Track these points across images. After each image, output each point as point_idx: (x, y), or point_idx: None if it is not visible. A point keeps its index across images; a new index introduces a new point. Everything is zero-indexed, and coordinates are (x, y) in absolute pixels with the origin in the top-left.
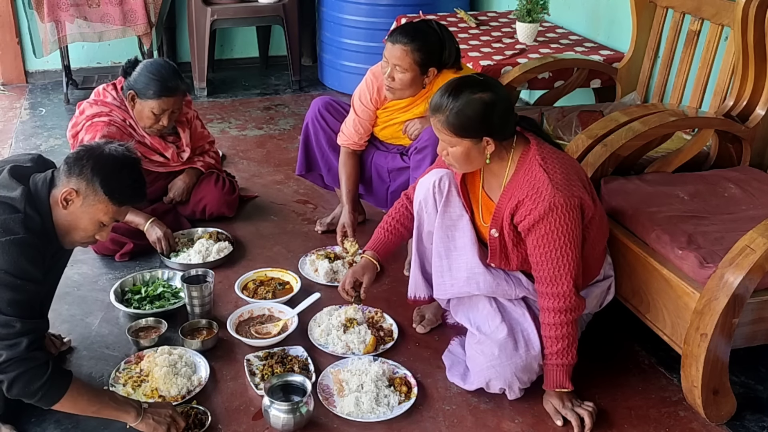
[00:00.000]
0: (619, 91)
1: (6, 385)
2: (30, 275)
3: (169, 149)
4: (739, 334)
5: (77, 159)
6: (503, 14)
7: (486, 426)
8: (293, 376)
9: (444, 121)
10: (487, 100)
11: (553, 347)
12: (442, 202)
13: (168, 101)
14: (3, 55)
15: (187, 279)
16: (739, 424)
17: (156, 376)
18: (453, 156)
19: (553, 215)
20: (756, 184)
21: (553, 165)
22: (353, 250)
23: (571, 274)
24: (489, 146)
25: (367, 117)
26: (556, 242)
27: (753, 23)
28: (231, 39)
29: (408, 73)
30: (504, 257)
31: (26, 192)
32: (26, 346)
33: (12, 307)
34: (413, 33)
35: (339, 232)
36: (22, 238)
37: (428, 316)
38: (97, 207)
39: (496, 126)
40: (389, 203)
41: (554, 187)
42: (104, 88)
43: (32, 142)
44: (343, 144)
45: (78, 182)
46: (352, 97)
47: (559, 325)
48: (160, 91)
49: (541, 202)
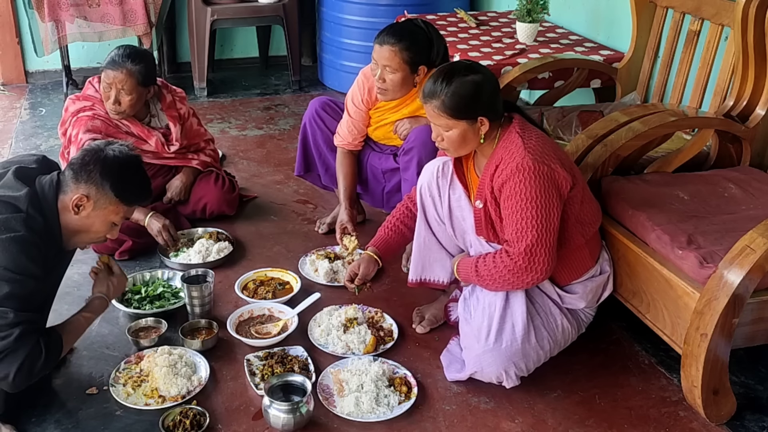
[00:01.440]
0: (619, 91)
1: (9, 381)
2: (30, 271)
3: (153, 136)
4: (739, 334)
5: (83, 164)
6: (503, 14)
7: (486, 426)
8: (293, 376)
9: (440, 106)
10: (478, 80)
11: (470, 274)
12: (449, 185)
13: (109, 74)
14: (3, 55)
15: (187, 279)
16: (739, 424)
17: (156, 376)
18: (449, 140)
19: (519, 176)
20: (756, 184)
21: (530, 134)
22: (353, 246)
23: (532, 237)
24: (483, 126)
25: (360, 118)
26: (519, 203)
27: (753, 23)
28: (231, 39)
29: (398, 73)
30: (491, 229)
31: (30, 194)
32: (16, 337)
33: (9, 300)
34: (400, 33)
35: (338, 230)
36: (22, 236)
37: (428, 316)
38: (108, 209)
39: (488, 104)
40: (385, 203)
41: (526, 150)
42: (89, 81)
43: (32, 142)
44: (339, 145)
45: (87, 187)
46: (345, 98)
47: (492, 268)
48: (106, 64)
49: (510, 162)
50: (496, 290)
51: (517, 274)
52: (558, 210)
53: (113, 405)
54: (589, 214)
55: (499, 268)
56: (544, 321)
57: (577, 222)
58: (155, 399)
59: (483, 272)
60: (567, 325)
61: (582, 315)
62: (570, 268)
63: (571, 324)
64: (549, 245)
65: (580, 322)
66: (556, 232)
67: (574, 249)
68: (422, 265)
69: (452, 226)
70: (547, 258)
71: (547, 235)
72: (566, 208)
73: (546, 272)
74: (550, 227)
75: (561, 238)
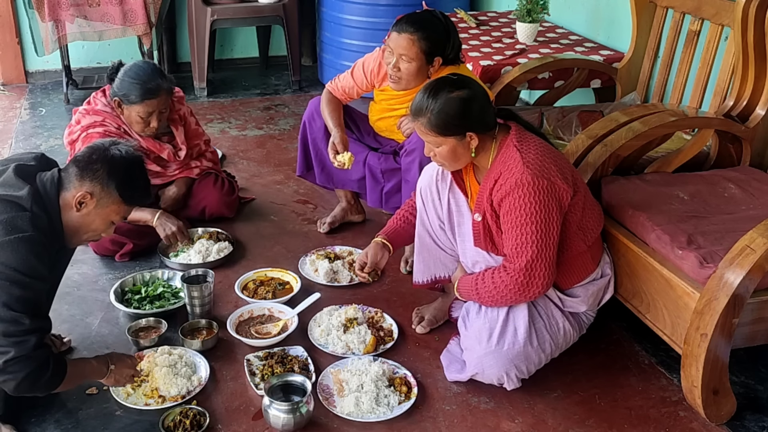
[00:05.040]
0: (619, 91)
1: (14, 385)
2: (38, 273)
3: (165, 150)
4: (739, 334)
5: (89, 162)
6: (503, 14)
7: (486, 426)
8: (293, 376)
9: (426, 124)
10: (464, 97)
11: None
12: (448, 189)
13: (152, 103)
14: (3, 55)
15: (187, 279)
16: (739, 424)
17: (156, 376)
18: (440, 155)
19: (518, 191)
20: (756, 184)
21: (528, 147)
22: (348, 158)
23: (532, 253)
24: (473, 141)
25: (360, 85)
26: (518, 219)
27: (753, 23)
28: (231, 39)
29: (414, 62)
30: (490, 241)
31: (33, 191)
32: (33, 345)
33: (21, 304)
34: (419, 22)
35: (331, 151)
36: (31, 236)
37: (428, 317)
38: (110, 208)
39: (476, 120)
40: (384, 203)
41: (524, 164)
42: (94, 96)
43: (32, 142)
44: (331, 90)
45: (92, 185)
46: (357, 60)
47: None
48: (142, 95)
49: (510, 177)
50: (497, 306)
51: (517, 291)
52: (558, 224)
53: (113, 405)
54: (591, 220)
55: (497, 286)
56: (546, 324)
57: (579, 229)
58: (155, 399)
59: (482, 290)
60: (568, 328)
61: (583, 317)
62: (572, 273)
63: (572, 326)
64: (548, 260)
65: (581, 323)
66: (555, 247)
67: (576, 254)
68: (426, 264)
69: (452, 229)
70: (546, 273)
71: (546, 250)
72: (567, 216)
73: (545, 286)
74: (550, 242)
75: (563, 244)
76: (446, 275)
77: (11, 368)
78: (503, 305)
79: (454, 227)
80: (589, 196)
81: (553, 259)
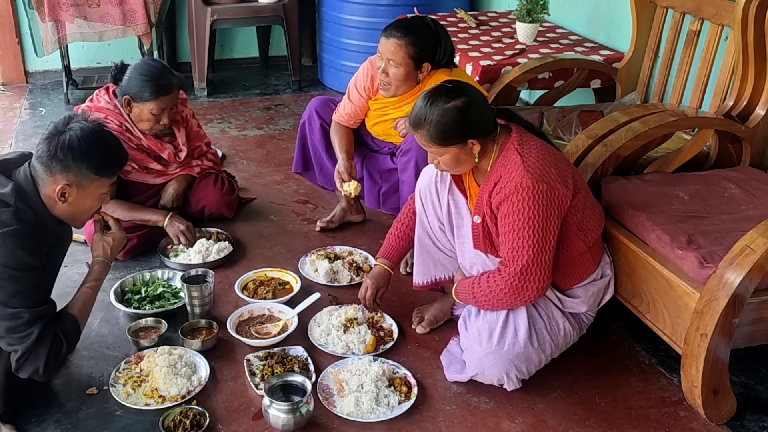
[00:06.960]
0: (619, 91)
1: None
2: (29, 265)
3: (166, 150)
4: (739, 334)
5: (51, 156)
6: (503, 14)
7: (486, 426)
8: (293, 376)
9: (426, 136)
10: (461, 106)
11: (468, 297)
12: (447, 191)
13: (165, 99)
14: (3, 55)
15: (187, 279)
16: (739, 424)
17: (156, 376)
18: (444, 163)
19: (518, 195)
20: (756, 184)
21: (529, 150)
22: (354, 188)
23: (528, 258)
24: (475, 146)
25: (360, 104)
26: (516, 222)
27: (753, 23)
28: (231, 39)
29: (402, 67)
30: (489, 243)
31: (16, 188)
32: (37, 336)
33: (17, 299)
34: (408, 27)
35: (337, 179)
36: (15, 230)
37: (428, 317)
38: (93, 186)
39: (475, 127)
40: (382, 203)
41: (525, 168)
42: (97, 93)
43: (32, 142)
44: (337, 120)
45: (65, 176)
46: (349, 82)
47: (487, 290)
48: (156, 91)
49: (510, 180)
50: (494, 310)
51: (511, 294)
52: (556, 229)
53: (113, 405)
54: (591, 221)
55: (493, 289)
56: (546, 324)
57: (579, 230)
58: (155, 399)
59: (479, 294)
60: (569, 328)
61: (584, 317)
62: (572, 274)
63: (572, 327)
64: (544, 265)
65: (581, 324)
66: (552, 251)
67: (577, 255)
68: (426, 266)
69: (452, 230)
70: (541, 277)
71: (543, 254)
72: (568, 217)
73: (541, 290)
74: (546, 246)
75: (563, 244)
76: (446, 277)
77: (28, 363)
78: (499, 309)
79: (454, 229)
80: (589, 196)
81: (549, 264)
